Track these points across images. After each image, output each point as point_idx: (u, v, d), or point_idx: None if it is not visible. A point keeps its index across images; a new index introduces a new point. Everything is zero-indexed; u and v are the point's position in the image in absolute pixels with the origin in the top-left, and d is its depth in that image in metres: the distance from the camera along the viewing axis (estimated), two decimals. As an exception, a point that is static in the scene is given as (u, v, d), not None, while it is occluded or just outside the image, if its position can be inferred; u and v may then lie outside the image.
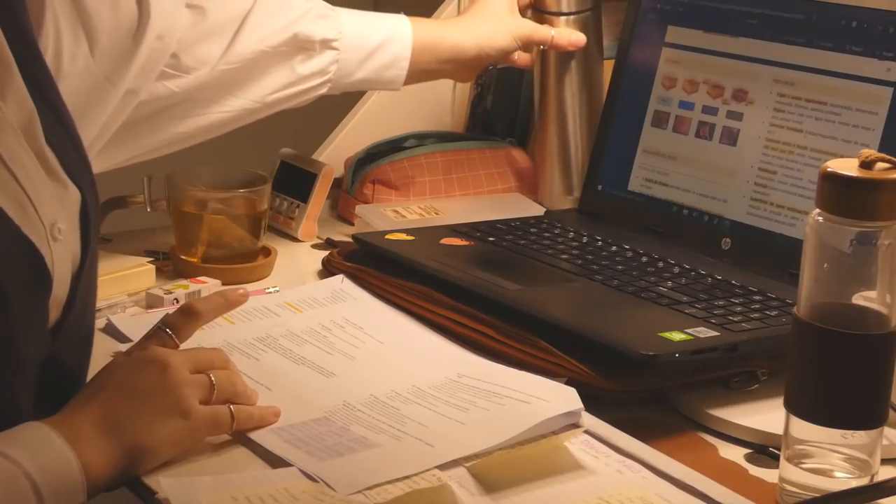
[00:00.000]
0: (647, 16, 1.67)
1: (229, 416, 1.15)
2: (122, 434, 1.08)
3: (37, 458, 1.03)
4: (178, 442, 1.11)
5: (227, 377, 1.16)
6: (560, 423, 1.19)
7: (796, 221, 1.49)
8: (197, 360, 1.15)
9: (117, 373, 1.12)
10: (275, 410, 1.19)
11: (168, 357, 1.13)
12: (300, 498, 1.06)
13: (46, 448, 1.05)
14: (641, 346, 1.25)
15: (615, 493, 1.10)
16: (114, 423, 1.08)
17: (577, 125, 1.75)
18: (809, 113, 1.51)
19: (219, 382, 1.15)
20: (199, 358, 1.16)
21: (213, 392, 1.14)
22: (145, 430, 1.09)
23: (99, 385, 1.12)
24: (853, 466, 1.10)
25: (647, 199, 1.63)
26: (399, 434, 1.18)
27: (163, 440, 1.10)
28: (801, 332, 1.10)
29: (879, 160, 1.07)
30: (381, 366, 1.32)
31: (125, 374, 1.12)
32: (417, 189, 1.76)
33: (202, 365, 1.15)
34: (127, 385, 1.11)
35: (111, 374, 1.13)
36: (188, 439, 1.12)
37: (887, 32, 1.46)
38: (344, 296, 1.46)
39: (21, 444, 1.04)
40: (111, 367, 1.14)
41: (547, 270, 1.49)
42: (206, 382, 1.14)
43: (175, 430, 1.11)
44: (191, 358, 1.15)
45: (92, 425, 1.08)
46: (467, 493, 1.10)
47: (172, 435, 1.10)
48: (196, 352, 1.17)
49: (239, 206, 1.55)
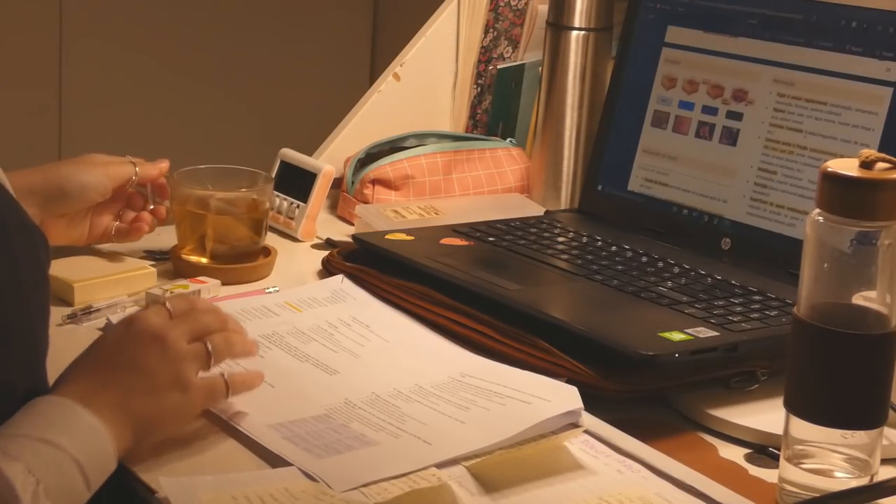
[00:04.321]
0: (647, 16, 1.67)
1: (224, 386, 1.17)
2: (129, 408, 1.10)
3: (76, 440, 1.06)
4: (178, 416, 1.14)
5: (223, 341, 1.17)
6: (560, 422, 1.19)
7: (796, 221, 1.49)
8: (193, 329, 1.16)
9: (119, 346, 1.14)
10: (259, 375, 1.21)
11: (166, 331, 1.14)
12: (300, 497, 1.06)
13: (81, 426, 1.07)
14: (641, 346, 1.25)
15: (615, 493, 1.10)
16: (122, 398, 1.10)
17: (577, 125, 1.76)
18: (809, 113, 1.51)
19: (215, 349, 1.16)
20: (196, 326, 1.17)
21: (210, 360, 1.16)
22: (149, 404, 1.11)
23: (102, 358, 1.13)
24: (853, 466, 1.10)
25: (647, 199, 1.63)
26: (398, 432, 1.18)
27: (165, 415, 1.12)
28: (801, 332, 1.10)
29: (879, 160, 1.07)
30: (385, 364, 1.32)
31: (127, 349, 1.13)
32: (417, 189, 1.76)
33: (198, 332, 1.16)
34: (130, 360, 1.12)
35: (113, 347, 1.14)
36: (187, 413, 1.15)
37: (887, 32, 1.46)
38: (344, 296, 1.46)
39: (59, 427, 1.06)
40: (111, 339, 1.15)
41: (547, 270, 1.49)
42: (202, 352, 1.15)
43: (175, 405, 1.13)
44: (188, 328, 1.16)
45: (107, 398, 1.10)
46: (467, 493, 1.10)
47: (173, 409, 1.13)
48: (192, 320, 1.17)
49: (242, 205, 1.55)
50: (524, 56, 1.90)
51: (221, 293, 1.48)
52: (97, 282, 1.46)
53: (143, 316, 1.16)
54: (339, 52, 3.56)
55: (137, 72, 3.32)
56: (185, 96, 3.40)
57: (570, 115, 1.76)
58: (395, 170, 1.75)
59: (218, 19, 3.43)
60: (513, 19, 1.88)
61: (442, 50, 1.87)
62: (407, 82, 1.84)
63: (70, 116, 3.31)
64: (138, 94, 3.34)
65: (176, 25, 3.37)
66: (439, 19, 1.86)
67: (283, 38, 3.50)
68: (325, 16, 3.54)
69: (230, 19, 3.45)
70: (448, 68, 1.88)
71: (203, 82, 3.41)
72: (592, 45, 1.75)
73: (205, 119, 3.39)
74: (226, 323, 1.20)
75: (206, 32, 3.41)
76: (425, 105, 1.87)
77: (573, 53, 1.75)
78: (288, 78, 3.50)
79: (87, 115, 3.30)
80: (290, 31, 3.52)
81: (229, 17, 3.44)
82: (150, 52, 3.34)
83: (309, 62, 3.53)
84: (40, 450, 1.03)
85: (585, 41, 1.75)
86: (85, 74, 3.30)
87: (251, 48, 3.46)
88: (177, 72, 3.37)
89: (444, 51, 1.87)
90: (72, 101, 3.30)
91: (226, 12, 3.43)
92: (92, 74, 3.30)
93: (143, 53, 3.33)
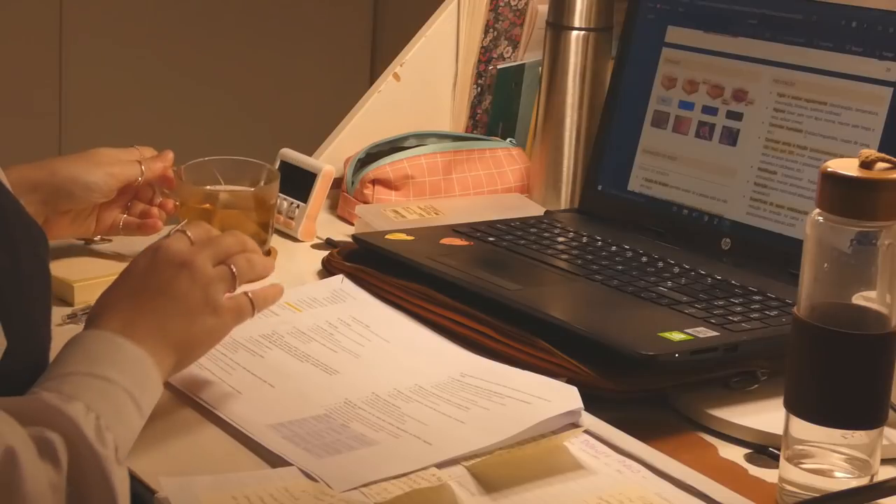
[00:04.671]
0: (647, 16, 1.67)
1: (250, 304, 1.21)
2: (167, 334, 1.14)
3: (124, 371, 1.08)
4: (212, 337, 1.18)
5: (245, 262, 1.21)
6: (560, 422, 1.19)
7: (796, 221, 1.49)
8: (217, 253, 1.20)
9: (148, 275, 1.17)
10: (279, 288, 1.25)
11: (192, 256, 1.18)
12: (300, 497, 1.06)
13: (126, 357, 1.10)
14: (641, 346, 1.25)
15: (615, 493, 1.10)
16: (159, 325, 1.13)
17: (577, 125, 1.76)
18: (809, 113, 1.51)
19: (239, 270, 1.20)
20: (219, 250, 1.20)
21: (235, 282, 1.20)
22: (185, 328, 1.15)
23: (133, 288, 1.16)
24: (853, 466, 1.10)
25: (647, 199, 1.63)
26: (398, 432, 1.18)
27: (200, 337, 1.17)
28: (801, 332, 1.10)
29: (879, 160, 1.07)
30: (385, 364, 1.32)
31: (156, 277, 1.16)
32: (417, 189, 1.76)
33: (222, 255, 1.20)
34: (161, 287, 1.16)
35: (143, 276, 1.17)
36: (220, 333, 1.19)
37: (887, 32, 1.46)
38: (344, 296, 1.46)
39: (105, 360, 1.08)
40: (139, 269, 1.18)
41: (547, 270, 1.49)
42: (228, 274, 1.19)
43: (209, 327, 1.17)
44: (211, 252, 1.19)
45: (146, 326, 1.12)
46: (467, 493, 1.10)
47: (207, 331, 1.17)
48: (215, 244, 1.21)
49: (249, 200, 1.55)
50: (524, 56, 1.90)
51: (221, 293, 1.47)
52: (97, 282, 1.46)
53: (167, 244, 1.19)
54: (339, 52, 3.56)
55: (137, 72, 3.33)
56: (185, 96, 3.40)
57: (570, 115, 1.76)
58: (395, 170, 1.75)
59: (218, 19, 3.43)
60: (513, 19, 1.88)
61: (442, 50, 1.87)
62: (407, 82, 1.84)
63: (70, 116, 3.31)
64: (138, 94, 3.34)
65: (176, 26, 3.38)
66: (439, 19, 1.86)
67: (283, 38, 3.50)
68: (325, 16, 3.55)
69: (230, 19, 3.45)
70: (448, 68, 1.88)
71: (203, 82, 3.42)
72: (592, 45, 1.75)
73: (205, 119, 3.39)
74: (245, 244, 1.23)
75: (206, 33, 3.41)
76: (425, 105, 1.87)
77: (573, 53, 1.75)
78: (288, 78, 3.50)
79: (87, 115, 3.30)
80: (290, 31, 3.52)
81: (229, 17, 3.44)
82: (150, 53, 3.34)
83: (309, 62, 3.53)
84: (93, 385, 1.05)
85: (585, 41, 1.75)
86: (85, 74, 3.30)
87: (251, 48, 3.46)
88: (177, 72, 3.37)
89: (444, 51, 1.87)
90: (72, 101, 3.31)
91: (226, 12, 3.43)
92: (92, 74, 3.30)
93: (142, 53, 3.33)
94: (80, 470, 0.99)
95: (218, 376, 1.27)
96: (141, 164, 1.52)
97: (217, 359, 1.30)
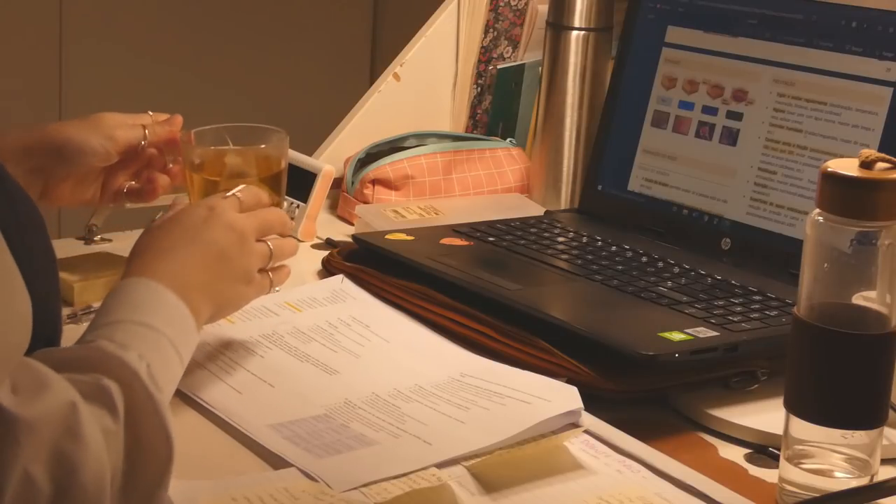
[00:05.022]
0: (647, 16, 1.67)
1: (269, 284, 1.26)
2: (208, 293, 1.17)
3: (170, 323, 1.11)
4: (236, 305, 1.23)
5: (284, 246, 1.27)
6: (560, 422, 1.19)
7: (796, 221, 1.49)
8: (262, 227, 1.25)
9: (201, 229, 1.20)
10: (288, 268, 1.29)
11: (244, 224, 1.22)
12: (300, 497, 1.06)
13: (171, 309, 1.12)
14: (641, 346, 1.25)
15: (615, 493, 1.10)
16: (204, 282, 1.17)
17: (577, 125, 1.76)
18: (809, 113, 1.51)
19: (275, 252, 1.25)
20: (265, 225, 1.25)
21: (270, 261, 1.25)
22: (223, 291, 1.19)
23: (184, 238, 1.19)
24: (853, 466, 1.10)
25: (647, 199, 1.63)
26: (398, 432, 1.18)
27: (232, 302, 1.22)
28: (801, 332, 1.10)
29: (879, 160, 1.07)
30: (385, 364, 1.32)
31: (210, 236, 1.20)
32: (417, 189, 1.77)
33: (265, 230, 1.25)
34: (211, 244, 1.19)
35: (196, 230, 1.20)
36: (243, 302, 1.24)
37: (887, 32, 1.46)
38: (344, 296, 1.46)
39: (152, 310, 1.10)
40: (193, 221, 1.21)
41: (547, 270, 1.49)
42: (266, 253, 1.24)
43: (239, 294, 1.22)
44: (258, 226, 1.24)
45: (191, 280, 1.15)
46: (467, 493, 1.10)
47: (236, 297, 1.22)
48: (262, 218, 1.25)
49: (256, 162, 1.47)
50: (524, 56, 1.90)
51: (221, 293, 1.47)
52: (97, 282, 1.46)
53: (224, 207, 1.22)
54: (339, 52, 3.56)
55: (137, 71, 3.32)
56: (186, 96, 3.39)
57: (570, 115, 1.76)
58: (395, 170, 1.75)
59: (218, 19, 3.43)
60: (513, 19, 1.88)
61: (442, 50, 1.87)
62: (407, 82, 1.84)
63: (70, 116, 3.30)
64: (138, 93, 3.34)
65: (176, 25, 3.38)
66: (439, 19, 1.86)
67: (283, 38, 3.50)
68: (325, 16, 3.54)
69: (230, 19, 3.45)
70: (448, 68, 1.88)
71: (203, 82, 3.41)
72: (592, 45, 1.75)
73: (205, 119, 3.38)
74: (285, 225, 1.28)
75: (206, 32, 3.41)
76: (425, 105, 1.87)
77: (573, 53, 1.75)
78: (288, 78, 3.50)
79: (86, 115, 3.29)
80: (290, 31, 3.52)
81: (229, 17, 3.44)
82: (150, 52, 3.34)
83: (309, 62, 3.53)
84: (143, 334, 1.07)
85: (585, 41, 1.75)
86: (85, 74, 3.30)
87: (251, 48, 3.46)
88: (177, 72, 3.37)
89: (444, 51, 1.87)
90: (72, 101, 3.30)
91: (226, 12, 3.43)
92: (92, 74, 3.30)
93: (142, 53, 3.33)
94: (138, 415, 1.00)
95: (218, 376, 1.27)
96: (145, 129, 1.48)
97: (217, 359, 1.30)
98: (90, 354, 1.03)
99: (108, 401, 0.99)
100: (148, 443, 1.00)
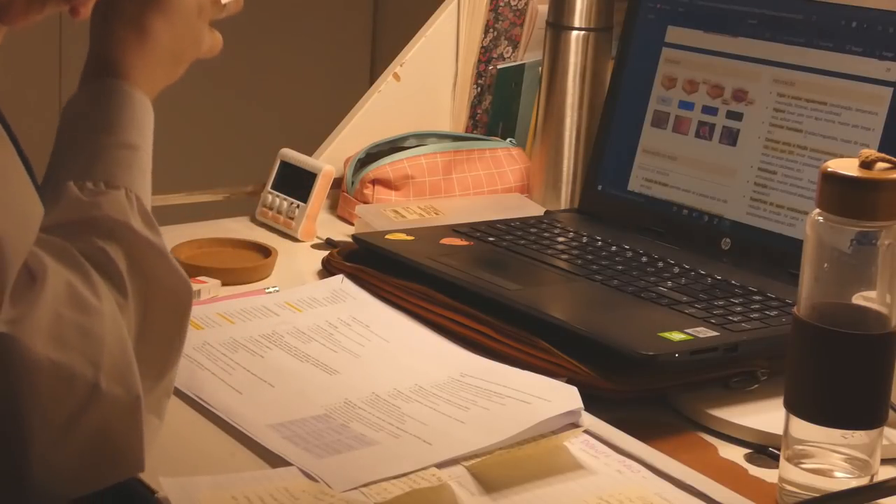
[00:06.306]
0: (647, 16, 1.67)
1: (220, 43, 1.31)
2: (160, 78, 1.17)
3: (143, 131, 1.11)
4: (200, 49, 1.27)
5: None
6: (560, 422, 1.19)
7: (796, 221, 1.49)
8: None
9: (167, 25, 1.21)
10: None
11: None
12: (300, 497, 1.06)
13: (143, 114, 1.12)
14: (641, 346, 1.25)
15: (615, 493, 1.10)
16: (166, 72, 1.18)
17: (577, 125, 1.76)
18: (809, 113, 1.51)
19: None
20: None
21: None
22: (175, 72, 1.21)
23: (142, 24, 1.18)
24: (853, 466, 1.10)
25: (647, 199, 1.63)
26: (398, 432, 1.18)
27: (179, 72, 1.22)
28: (801, 332, 1.10)
29: (879, 160, 1.07)
30: (385, 364, 1.32)
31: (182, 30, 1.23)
32: (417, 189, 1.77)
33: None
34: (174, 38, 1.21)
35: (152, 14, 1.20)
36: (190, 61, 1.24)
37: (887, 32, 1.46)
38: (344, 296, 1.46)
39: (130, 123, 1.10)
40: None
41: (547, 270, 1.49)
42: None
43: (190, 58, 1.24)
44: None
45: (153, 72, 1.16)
46: (467, 493, 1.10)
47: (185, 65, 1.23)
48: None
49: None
50: (524, 56, 1.90)
51: (221, 293, 1.48)
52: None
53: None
54: (339, 52, 3.56)
55: (137, 72, 3.32)
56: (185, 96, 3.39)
57: (570, 115, 1.76)
58: (395, 170, 1.75)
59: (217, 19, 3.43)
60: (513, 19, 1.88)
61: (442, 50, 1.87)
62: (407, 82, 1.84)
63: (70, 116, 3.31)
64: (138, 93, 3.34)
65: (176, 25, 3.37)
66: (439, 19, 1.86)
67: (283, 38, 3.50)
68: (325, 16, 3.54)
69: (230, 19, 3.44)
70: (448, 68, 1.88)
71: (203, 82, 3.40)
72: (592, 45, 1.75)
73: (205, 119, 3.39)
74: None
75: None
76: (425, 105, 1.87)
77: (573, 53, 1.75)
78: (288, 78, 3.50)
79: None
80: (290, 31, 3.52)
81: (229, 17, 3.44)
82: (150, 52, 3.33)
83: (309, 62, 3.53)
84: (124, 159, 1.07)
85: (585, 41, 1.75)
86: (85, 74, 3.30)
87: (251, 48, 3.46)
88: (177, 72, 3.37)
89: (444, 51, 1.87)
90: (72, 101, 3.30)
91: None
92: (92, 74, 3.29)
93: (142, 53, 3.32)
94: (142, 267, 1.01)
95: (218, 376, 1.27)
96: None
97: (217, 359, 1.30)
98: (78, 220, 1.02)
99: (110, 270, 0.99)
100: (162, 284, 1.01)
